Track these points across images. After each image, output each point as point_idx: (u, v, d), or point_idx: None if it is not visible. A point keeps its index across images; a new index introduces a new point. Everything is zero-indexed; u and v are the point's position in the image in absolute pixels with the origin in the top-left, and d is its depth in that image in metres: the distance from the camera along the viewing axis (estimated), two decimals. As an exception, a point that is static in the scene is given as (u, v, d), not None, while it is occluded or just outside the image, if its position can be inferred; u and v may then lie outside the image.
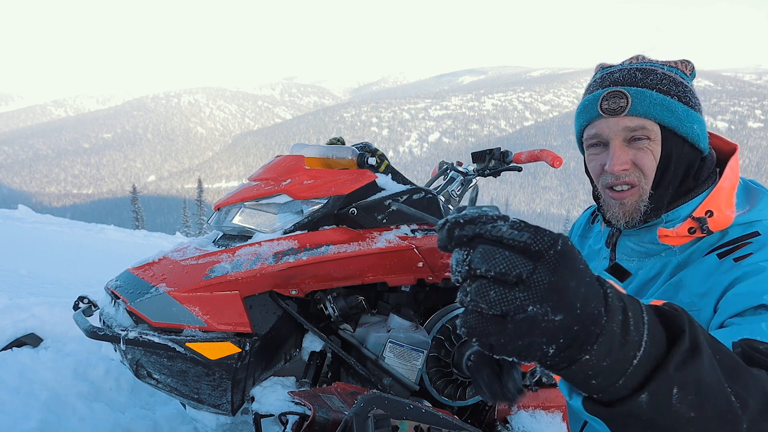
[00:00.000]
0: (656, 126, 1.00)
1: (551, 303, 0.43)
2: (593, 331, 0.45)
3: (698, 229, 1.00)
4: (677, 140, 1.01)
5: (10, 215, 10.11)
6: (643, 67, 1.04)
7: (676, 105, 1.00)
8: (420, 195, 1.98)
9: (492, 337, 0.45)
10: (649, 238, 1.05)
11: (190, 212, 37.49)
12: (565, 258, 0.44)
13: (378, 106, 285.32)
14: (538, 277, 0.43)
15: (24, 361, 2.42)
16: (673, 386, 0.47)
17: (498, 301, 0.44)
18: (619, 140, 1.02)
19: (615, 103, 1.01)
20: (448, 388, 2.04)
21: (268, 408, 1.69)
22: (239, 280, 1.65)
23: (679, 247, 1.03)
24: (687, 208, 1.03)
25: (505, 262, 0.44)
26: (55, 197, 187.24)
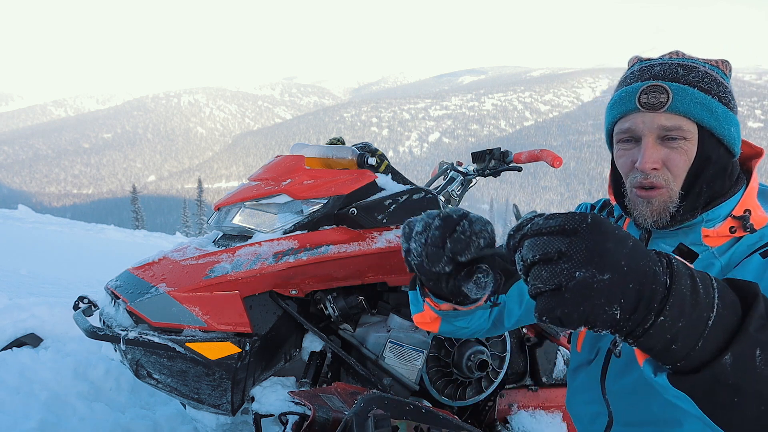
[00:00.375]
0: (694, 125, 0.96)
1: (594, 265, 0.50)
2: (655, 289, 0.50)
3: (739, 228, 0.98)
4: (713, 142, 0.97)
5: (10, 215, 10.11)
6: (684, 63, 1.00)
7: (716, 105, 0.96)
8: (420, 195, 1.98)
9: (557, 310, 0.51)
10: (692, 239, 1.00)
11: (190, 212, 37.49)
12: (596, 227, 0.51)
13: (378, 106, 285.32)
14: (575, 246, 0.51)
15: (24, 361, 2.42)
16: (756, 347, 0.50)
17: (550, 277, 0.51)
18: (652, 137, 0.97)
19: (655, 97, 0.96)
20: (448, 388, 2.04)
21: (268, 408, 1.69)
22: (239, 280, 1.65)
23: (717, 248, 0.99)
24: (726, 207, 1.00)
25: (545, 245, 0.52)
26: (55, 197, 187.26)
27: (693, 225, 1.00)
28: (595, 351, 1.17)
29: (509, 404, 2.16)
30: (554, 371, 2.28)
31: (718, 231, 0.99)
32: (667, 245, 1.04)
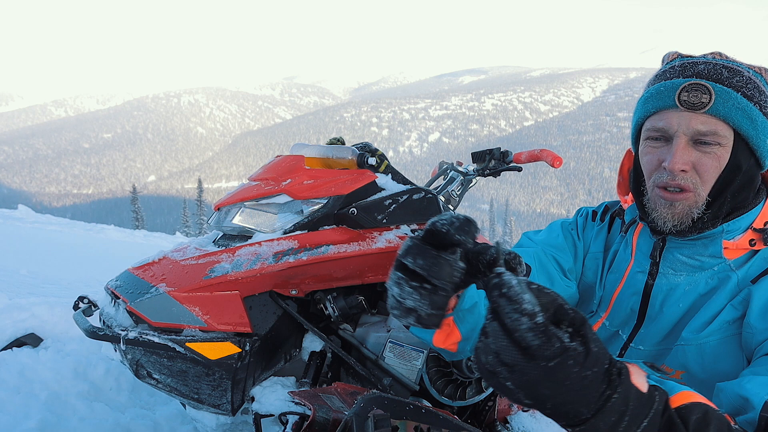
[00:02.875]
0: (731, 131, 0.91)
1: (524, 391, 0.54)
2: (571, 419, 0.55)
3: (759, 241, 0.95)
4: (747, 151, 0.93)
5: (10, 215, 10.11)
6: (729, 66, 0.94)
7: (757, 114, 0.91)
8: (420, 195, 1.98)
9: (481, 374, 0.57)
10: (711, 251, 0.96)
11: (190, 212, 37.50)
12: (552, 372, 0.52)
13: (378, 106, 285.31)
14: (521, 370, 0.53)
15: (24, 361, 2.42)
16: None
17: (491, 365, 0.55)
18: (685, 139, 0.92)
19: (696, 96, 0.90)
20: (448, 388, 2.04)
21: (268, 408, 1.69)
22: (239, 280, 1.65)
23: (733, 261, 0.96)
24: (747, 219, 0.96)
25: (504, 349, 0.53)
26: (55, 197, 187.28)
27: (713, 236, 0.96)
28: None
29: (509, 404, 2.16)
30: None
31: (738, 243, 0.95)
32: (684, 256, 1.00)
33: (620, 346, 1.08)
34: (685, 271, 1.01)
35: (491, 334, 0.54)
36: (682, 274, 1.01)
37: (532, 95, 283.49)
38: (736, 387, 0.76)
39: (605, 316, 1.13)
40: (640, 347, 1.03)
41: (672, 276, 1.03)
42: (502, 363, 0.54)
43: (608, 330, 1.11)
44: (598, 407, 0.55)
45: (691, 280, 1.00)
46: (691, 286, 1.00)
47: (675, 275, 1.02)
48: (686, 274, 1.01)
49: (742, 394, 0.74)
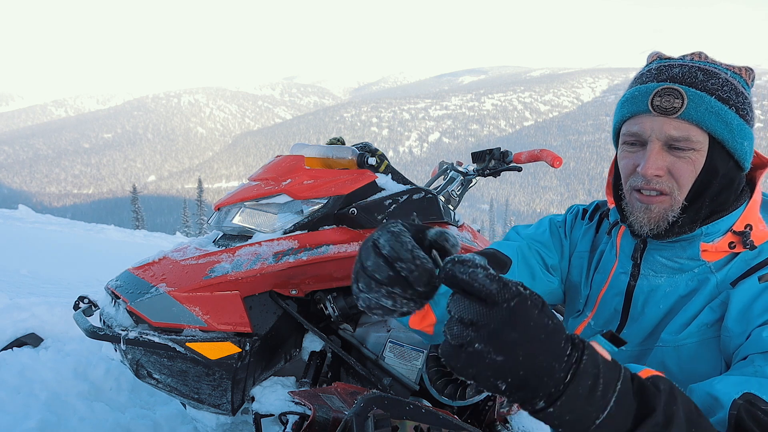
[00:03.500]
0: (705, 135, 0.91)
1: (492, 345, 0.54)
2: (546, 382, 0.54)
3: (738, 244, 0.94)
4: (723, 154, 0.92)
5: (11, 215, 10.11)
6: (706, 68, 0.93)
7: (732, 117, 0.90)
8: (420, 195, 1.98)
9: (451, 361, 0.56)
10: (690, 254, 0.97)
11: (190, 212, 37.51)
12: (514, 312, 0.54)
13: (378, 106, 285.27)
14: (486, 321, 0.54)
15: (24, 360, 2.42)
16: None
17: (457, 335, 0.56)
18: (659, 144, 0.92)
19: (668, 102, 0.90)
20: (448, 388, 2.04)
21: (268, 408, 1.69)
22: (239, 280, 1.66)
23: (713, 263, 0.96)
24: (727, 222, 0.95)
25: (465, 307, 0.55)
26: (55, 197, 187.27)
27: (691, 239, 0.96)
28: None
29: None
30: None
31: (717, 246, 0.95)
32: (664, 258, 1.01)
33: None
34: (666, 273, 1.01)
35: (452, 305, 0.57)
36: (662, 276, 1.02)
37: (532, 95, 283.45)
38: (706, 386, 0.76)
39: (591, 315, 1.14)
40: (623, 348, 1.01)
41: (653, 277, 1.03)
42: (466, 324, 0.55)
43: (593, 329, 1.12)
44: (570, 367, 0.55)
45: (671, 282, 1.01)
46: (671, 288, 1.00)
47: (656, 277, 1.03)
48: (667, 276, 1.01)
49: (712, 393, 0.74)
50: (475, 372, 0.55)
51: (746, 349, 0.82)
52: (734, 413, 0.69)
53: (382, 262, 0.67)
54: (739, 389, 0.73)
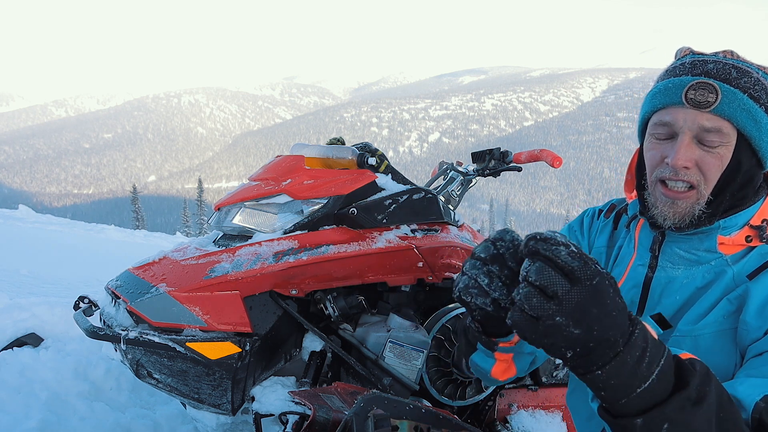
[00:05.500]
0: (734, 131, 0.93)
1: (573, 319, 0.58)
2: (607, 353, 0.60)
3: (755, 238, 0.96)
4: (749, 152, 0.95)
5: (11, 215, 10.12)
6: (738, 66, 0.95)
7: (762, 116, 0.93)
8: (420, 195, 1.98)
9: (527, 332, 0.61)
10: (707, 246, 0.98)
11: (190, 212, 37.50)
12: (597, 290, 0.59)
13: (378, 106, 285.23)
14: (570, 296, 0.58)
15: (24, 360, 2.42)
16: (666, 422, 0.62)
17: (536, 306, 0.59)
18: (690, 135, 0.93)
19: (703, 95, 0.92)
20: (448, 388, 2.04)
21: (269, 408, 1.69)
22: (239, 280, 1.66)
23: (730, 257, 0.98)
24: (744, 216, 0.97)
25: (550, 279, 0.59)
26: (55, 197, 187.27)
27: (709, 231, 0.98)
28: None
29: (509, 404, 2.17)
30: (554, 371, 2.28)
31: (734, 239, 0.97)
32: (681, 250, 1.02)
33: None
34: (683, 265, 1.03)
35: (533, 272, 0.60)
36: (680, 268, 1.03)
37: (532, 95, 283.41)
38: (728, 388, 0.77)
39: None
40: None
41: (670, 269, 1.05)
42: (549, 297, 0.59)
43: None
44: (626, 339, 0.61)
45: (688, 274, 1.02)
46: (688, 280, 1.02)
47: (673, 268, 1.04)
48: (684, 268, 1.03)
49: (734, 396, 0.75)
50: (549, 342, 0.60)
51: (763, 345, 0.84)
52: (756, 416, 0.73)
53: (489, 244, 0.77)
54: (760, 391, 0.75)
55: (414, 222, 1.97)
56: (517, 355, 1.04)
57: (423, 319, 2.07)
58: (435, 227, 2.02)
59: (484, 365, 1.04)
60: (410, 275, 1.92)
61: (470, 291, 0.77)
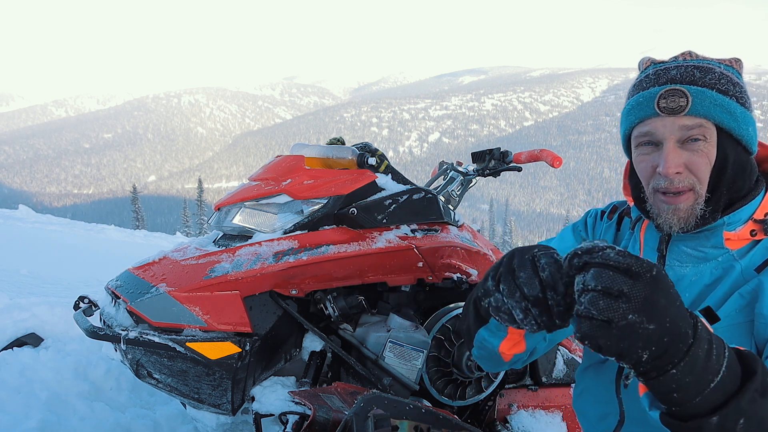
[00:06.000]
0: (713, 127, 0.95)
1: (646, 313, 0.57)
2: (680, 347, 0.59)
3: (759, 231, 0.98)
4: (732, 142, 0.97)
5: (11, 215, 10.12)
6: (700, 65, 0.98)
7: (734, 106, 0.96)
8: (420, 195, 1.98)
9: (601, 340, 0.58)
10: (713, 242, 1.00)
11: (190, 212, 37.50)
12: (658, 281, 0.58)
13: (378, 106, 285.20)
14: (636, 291, 0.57)
15: (24, 360, 2.42)
16: (741, 417, 0.60)
17: (605, 309, 0.57)
18: (673, 141, 0.96)
19: (674, 102, 0.95)
20: (448, 388, 2.04)
21: (269, 408, 1.69)
22: (239, 280, 1.66)
23: (736, 251, 0.99)
24: (747, 210, 0.99)
25: (611, 280, 0.58)
26: (55, 197, 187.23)
27: (714, 228, 0.99)
28: None
29: (509, 404, 2.17)
30: (554, 371, 2.28)
31: (739, 234, 0.98)
32: (688, 248, 1.03)
33: None
34: (691, 263, 1.04)
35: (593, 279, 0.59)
36: (687, 266, 1.04)
37: (532, 95, 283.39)
38: None
39: None
40: None
41: (678, 268, 1.06)
42: (615, 296, 0.58)
43: None
44: (693, 331, 0.60)
45: (696, 271, 1.03)
46: (696, 277, 1.03)
47: (681, 267, 1.05)
48: (692, 266, 1.04)
49: None
50: (626, 345, 0.58)
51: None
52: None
53: (537, 282, 0.70)
54: None
55: (414, 222, 1.97)
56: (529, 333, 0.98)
57: (423, 319, 2.07)
58: (435, 227, 2.02)
59: (493, 339, 1.01)
60: (410, 275, 1.92)
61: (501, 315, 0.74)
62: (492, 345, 1.03)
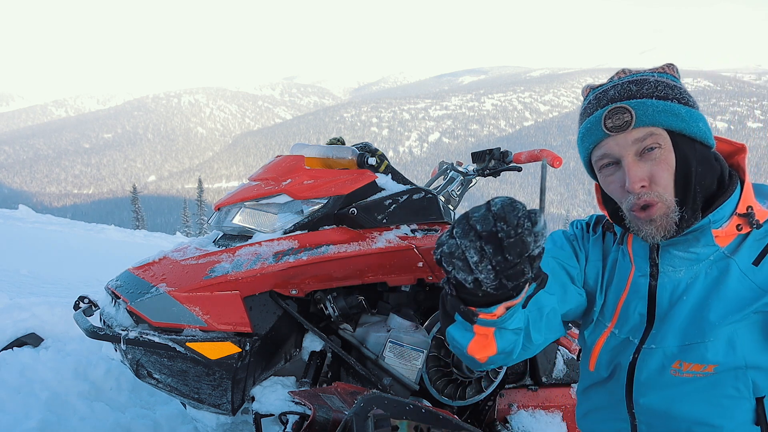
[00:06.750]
0: (664, 132, 0.98)
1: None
2: None
3: (745, 225, 1.00)
4: (687, 141, 0.99)
5: (11, 215, 10.12)
6: (634, 79, 1.03)
7: (677, 107, 0.99)
8: (420, 195, 1.98)
9: None
10: (704, 242, 1.01)
11: (190, 212, 37.51)
12: None
13: (378, 106, 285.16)
14: None
15: (25, 360, 2.42)
16: None
17: None
18: (631, 155, 0.99)
19: (619, 119, 0.99)
20: (448, 388, 2.04)
21: (269, 408, 1.69)
22: (239, 280, 1.66)
23: (726, 248, 1.01)
24: (729, 206, 1.01)
25: None
26: (55, 197, 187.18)
27: (702, 228, 1.00)
28: (611, 368, 1.14)
29: (509, 404, 2.17)
30: (554, 371, 2.28)
31: (726, 230, 1.00)
32: (680, 251, 1.04)
33: (633, 350, 1.09)
34: (684, 266, 1.05)
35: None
36: (681, 270, 1.05)
37: (532, 95, 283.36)
38: None
39: (612, 325, 1.14)
40: (653, 346, 1.06)
41: (672, 273, 1.06)
42: None
43: (618, 338, 1.13)
44: None
45: (691, 274, 1.04)
46: (692, 279, 1.04)
47: (675, 272, 1.06)
48: (685, 269, 1.05)
49: None
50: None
51: None
52: None
53: (490, 216, 0.72)
54: None
55: (414, 222, 1.97)
56: (499, 331, 0.96)
57: (423, 319, 2.07)
58: (435, 227, 2.02)
59: (461, 339, 0.99)
60: (410, 275, 1.92)
61: (454, 261, 0.76)
62: (461, 345, 1.00)
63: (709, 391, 0.99)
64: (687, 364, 1.00)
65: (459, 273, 0.77)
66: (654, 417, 1.06)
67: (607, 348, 1.13)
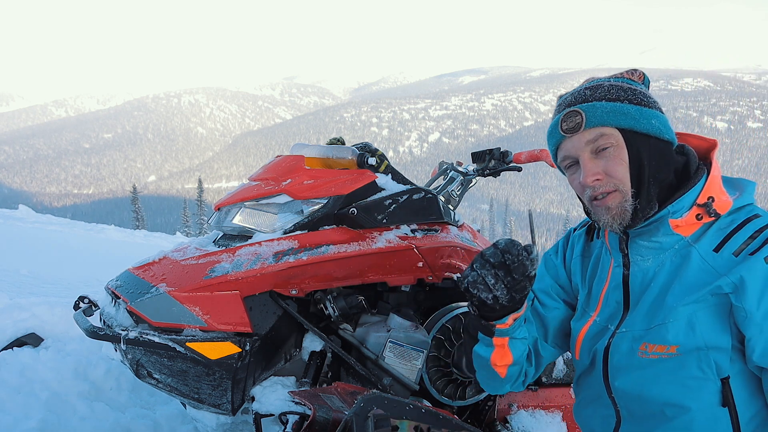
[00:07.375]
0: (615, 131, 1.08)
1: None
2: None
3: (704, 215, 1.06)
4: (640, 137, 1.08)
5: (11, 215, 10.12)
6: (591, 85, 1.14)
7: (626, 107, 1.08)
8: (420, 195, 1.98)
9: None
10: (663, 231, 1.09)
11: (190, 212, 37.49)
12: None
13: (378, 106, 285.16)
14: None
15: (24, 360, 2.42)
16: None
17: None
18: (586, 154, 1.10)
19: (572, 122, 1.10)
20: (448, 388, 2.04)
21: (269, 408, 1.70)
22: (239, 280, 1.66)
23: (690, 237, 1.08)
24: (690, 197, 1.07)
25: None
26: (55, 197, 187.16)
27: (661, 218, 1.08)
28: (591, 355, 1.21)
29: (509, 404, 2.17)
30: (554, 371, 2.28)
31: (686, 220, 1.07)
32: (644, 241, 1.13)
33: (609, 336, 1.18)
34: (651, 255, 1.14)
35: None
36: (648, 259, 1.14)
37: (532, 95, 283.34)
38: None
39: (595, 314, 1.24)
40: (624, 330, 1.15)
41: (641, 262, 1.15)
42: None
43: (599, 325, 1.22)
44: None
45: (658, 262, 1.13)
46: (659, 268, 1.12)
47: (643, 261, 1.15)
48: (652, 258, 1.14)
49: None
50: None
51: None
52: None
53: (498, 252, 1.05)
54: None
55: (414, 222, 1.97)
56: (512, 341, 1.19)
57: (423, 319, 2.07)
58: (435, 227, 2.02)
59: (484, 353, 1.21)
60: (410, 275, 1.92)
61: (478, 286, 1.07)
62: (485, 355, 1.21)
63: (676, 372, 1.06)
64: (651, 346, 1.08)
65: (482, 293, 1.07)
66: (630, 400, 1.14)
67: (589, 336, 1.22)
